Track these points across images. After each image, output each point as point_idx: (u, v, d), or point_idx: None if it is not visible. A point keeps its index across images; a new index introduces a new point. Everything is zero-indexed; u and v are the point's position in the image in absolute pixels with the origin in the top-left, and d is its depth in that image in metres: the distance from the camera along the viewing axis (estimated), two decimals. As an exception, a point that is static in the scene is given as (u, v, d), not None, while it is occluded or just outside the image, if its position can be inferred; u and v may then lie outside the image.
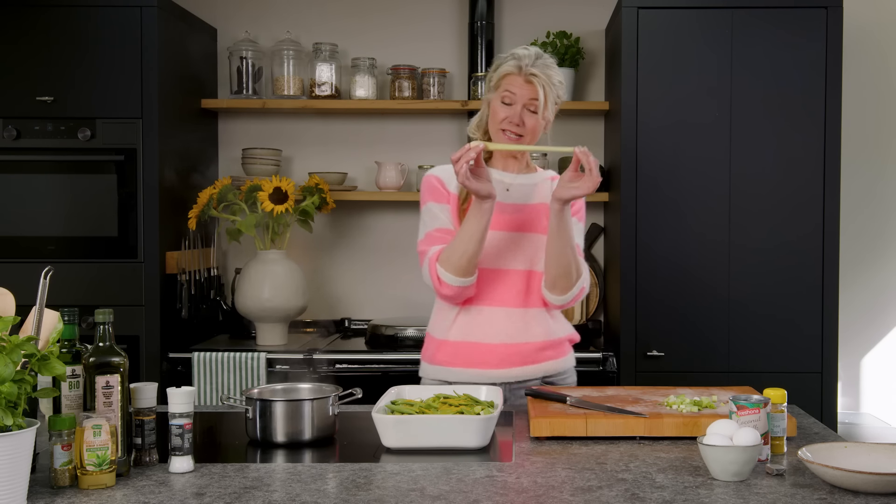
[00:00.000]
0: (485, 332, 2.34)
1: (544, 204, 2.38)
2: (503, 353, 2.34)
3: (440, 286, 2.30)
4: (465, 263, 2.26)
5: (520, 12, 3.90)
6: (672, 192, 3.30)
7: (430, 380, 2.41)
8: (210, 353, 3.30)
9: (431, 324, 2.46)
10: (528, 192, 2.41)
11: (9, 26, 3.29)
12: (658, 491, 1.62)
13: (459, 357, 2.36)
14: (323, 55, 3.75)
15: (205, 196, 3.46)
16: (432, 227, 2.37)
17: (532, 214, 2.38)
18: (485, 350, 2.34)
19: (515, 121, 2.31)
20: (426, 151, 3.90)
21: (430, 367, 2.42)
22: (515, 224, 2.36)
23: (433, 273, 2.30)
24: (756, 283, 3.28)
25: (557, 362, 2.41)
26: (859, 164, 3.82)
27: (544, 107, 2.30)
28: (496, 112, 2.33)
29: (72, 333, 1.77)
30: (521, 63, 2.30)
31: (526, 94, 2.30)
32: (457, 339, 2.36)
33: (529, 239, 2.36)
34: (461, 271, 2.27)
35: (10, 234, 3.31)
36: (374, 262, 3.94)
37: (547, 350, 2.38)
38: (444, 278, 2.28)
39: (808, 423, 2.16)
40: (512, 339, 2.35)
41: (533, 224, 2.37)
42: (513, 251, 2.35)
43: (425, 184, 2.43)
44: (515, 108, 2.31)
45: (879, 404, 3.86)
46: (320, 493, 1.62)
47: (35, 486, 1.64)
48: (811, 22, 3.26)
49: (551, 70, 2.32)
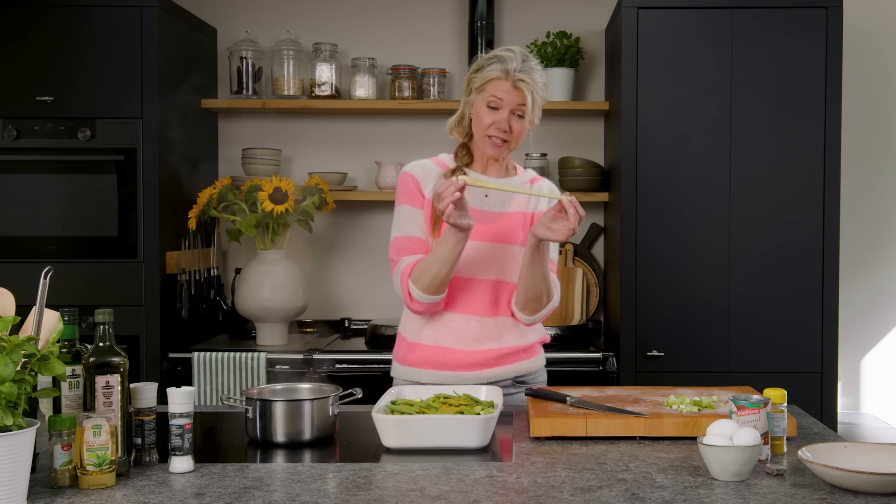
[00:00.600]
0: (456, 338, 2.33)
1: (520, 213, 2.37)
2: (474, 358, 2.33)
3: (411, 302, 2.30)
4: (436, 284, 2.25)
5: (520, 12, 3.90)
6: (672, 193, 3.30)
7: (401, 380, 2.40)
8: (210, 353, 3.30)
9: (403, 324, 2.44)
10: (507, 197, 2.38)
11: (9, 26, 3.29)
12: (658, 491, 1.62)
13: (430, 360, 2.35)
14: (323, 55, 3.75)
15: (205, 196, 3.46)
16: (403, 234, 2.33)
17: (507, 224, 2.36)
18: (456, 355, 2.33)
19: (503, 127, 2.27)
20: (426, 151, 3.84)
21: (402, 368, 2.41)
22: (490, 234, 2.33)
23: (404, 288, 2.29)
24: (756, 282, 3.28)
25: (528, 363, 2.40)
26: (859, 164, 3.82)
27: (532, 111, 2.27)
28: (481, 117, 2.30)
29: (72, 333, 1.77)
30: (507, 68, 2.25)
31: (514, 99, 2.26)
32: (428, 342, 2.35)
33: (503, 250, 2.34)
34: (432, 290, 2.26)
35: (10, 234, 3.31)
36: (374, 262, 3.94)
37: (518, 353, 2.37)
38: (415, 295, 2.27)
39: (808, 423, 2.16)
40: (483, 345, 2.33)
41: (507, 235, 2.35)
42: (486, 261, 2.33)
43: (401, 182, 2.39)
44: (502, 113, 2.27)
45: (879, 404, 3.86)
46: (320, 493, 1.62)
47: (35, 486, 1.64)
48: (811, 22, 3.26)
49: (536, 73, 2.28)
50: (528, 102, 2.25)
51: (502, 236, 2.34)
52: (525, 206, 2.38)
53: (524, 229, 2.35)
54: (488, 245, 2.33)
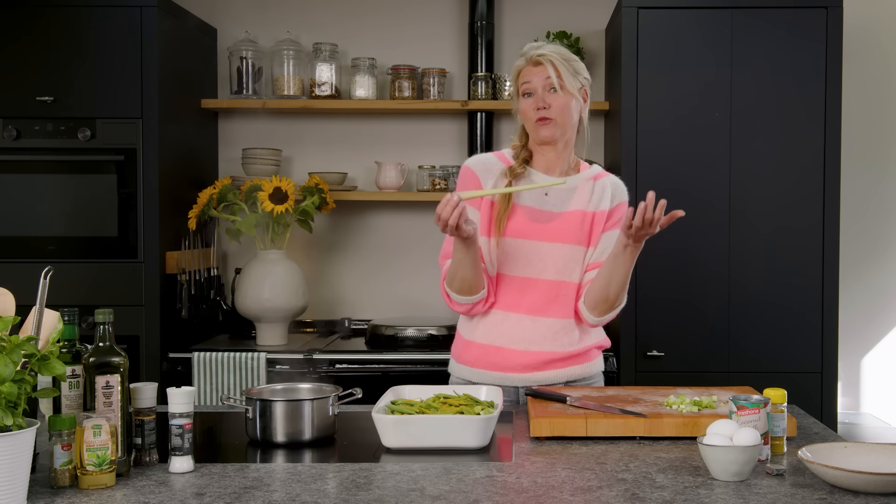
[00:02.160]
0: (510, 337, 2.32)
1: (580, 211, 2.33)
2: (525, 360, 2.32)
3: (451, 303, 2.33)
4: (466, 287, 2.27)
5: (520, 12, 3.90)
6: (672, 193, 3.26)
7: (456, 378, 2.41)
8: (210, 353, 3.30)
9: (460, 321, 2.46)
10: (567, 196, 2.35)
11: (9, 26, 3.29)
12: (658, 491, 1.62)
13: (482, 360, 2.34)
14: (323, 55, 3.75)
15: (205, 196, 3.46)
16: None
17: (565, 223, 2.33)
18: (508, 354, 2.32)
19: (540, 104, 2.27)
20: (426, 151, 3.90)
21: (457, 366, 2.42)
22: (547, 233, 2.31)
23: (443, 290, 2.33)
24: (756, 282, 3.28)
25: (582, 367, 2.37)
26: (860, 164, 3.82)
27: (560, 80, 2.26)
28: (524, 110, 2.30)
29: (72, 333, 1.77)
30: (527, 53, 2.29)
31: (540, 76, 2.27)
32: (482, 341, 2.35)
33: (561, 249, 2.31)
34: (465, 292, 2.28)
35: (10, 234, 3.31)
36: (374, 262, 3.94)
37: (571, 358, 2.35)
38: (453, 297, 2.31)
39: (808, 423, 2.16)
40: (537, 346, 2.32)
41: (565, 234, 2.32)
42: (542, 261, 2.31)
43: (461, 178, 2.39)
44: (536, 94, 2.28)
45: (879, 404, 3.86)
46: (320, 493, 1.62)
47: (35, 486, 1.64)
48: (811, 22, 3.26)
49: (562, 49, 2.31)
50: (552, 73, 2.25)
51: (560, 235, 2.32)
52: (585, 205, 2.34)
53: (583, 228, 2.32)
54: (546, 245, 2.31)
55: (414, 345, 3.41)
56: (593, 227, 2.33)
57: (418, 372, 3.26)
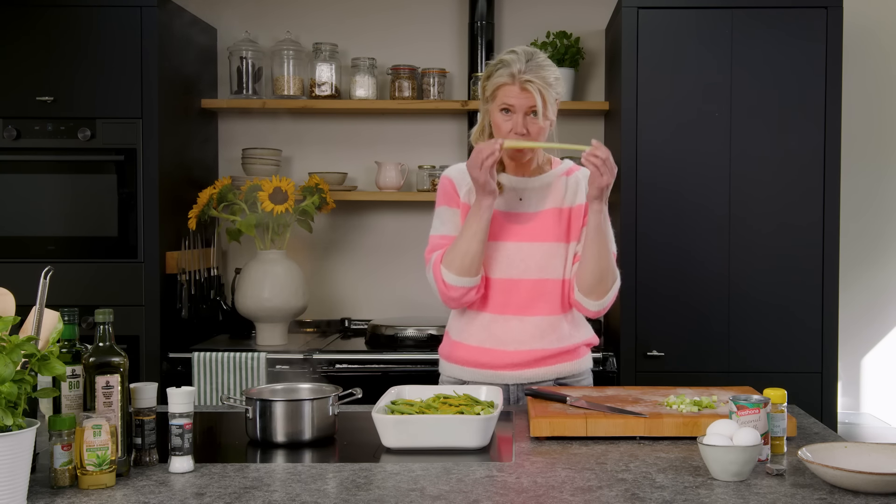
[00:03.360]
0: (499, 339, 2.35)
1: (555, 209, 2.36)
2: (515, 359, 2.35)
3: (445, 288, 2.31)
4: (467, 263, 2.27)
5: (520, 12, 3.90)
6: (672, 193, 3.30)
7: (446, 377, 2.44)
8: (210, 353, 3.30)
9: (450, 323, 2.48)
10: (542, 196, 2.38)
11: (9, 26, 3.29)
12: (658, 491, 1.62)
13: (471, 360, 2.38)
14: (323, 55, 3.75)
15: (205, 196, 3.46)
16: (439, 233, 2.39)
17: (543, 222, 2.36)
18: (496, 355, 2.35)
19: (520, 130, 2.27)
20: (426, 151, 3.90)
21: (447, 365, 2.44)
22: (527, 234, 2.35)
23: (437, 275, 2.32)
24: (756, 283, 3.28)
25: (571, 364, 2.40)
26: (860, 164, 3.82)
27: (544, 109, 2.26)
28: (499, 126, 2.30)
29: (72, 333, 1.77)
30: (513, 71, 2.23)
31: (524, 102, 2.25)
32: (471, 343, 2.38)
33: (540, 248, 2.35)
34: (464, 271, 2.28)
35: (10, 234, 3.31)
36: (374, 262, 3.94)
37: (560, 355, 2.38)
38: (448, 279, 2.30)
39: (808, 423, 2.16)
40: (526, 345, 2.35)
41: (543, 233, 2.36)
42: (524, 261, 2.34)
43: (440, 186, 2.45)
44: (517, 117, 2.27)
45: (879, 404, 3.86)
46: (320, 493, 1.62)
47: (35, 486, 1.64)
48: (811, 22, 3.26)
49: (545, 70, 2.26)
50: (539, 103, 2.24)
51: (539, 234, 2.35)
52: (561, 202, 2.37)
53: (561, 225, 2.35)
54: (526, 245, 2.35)
55: (414, 345, 3.41)
56: (571, 222, 2.36)
57: (418, 372, 3.26)
